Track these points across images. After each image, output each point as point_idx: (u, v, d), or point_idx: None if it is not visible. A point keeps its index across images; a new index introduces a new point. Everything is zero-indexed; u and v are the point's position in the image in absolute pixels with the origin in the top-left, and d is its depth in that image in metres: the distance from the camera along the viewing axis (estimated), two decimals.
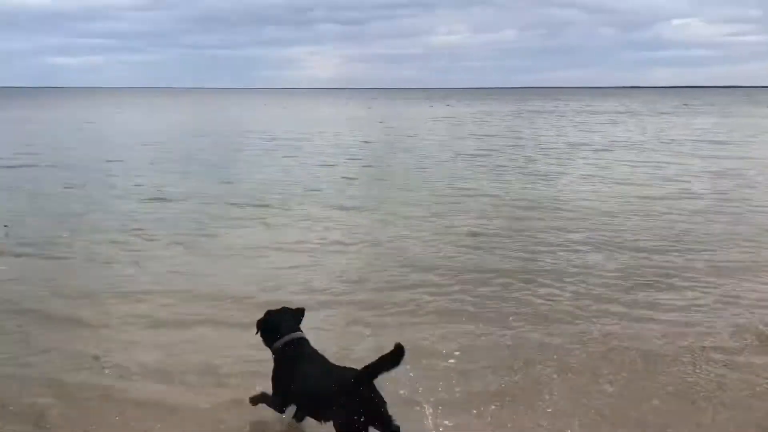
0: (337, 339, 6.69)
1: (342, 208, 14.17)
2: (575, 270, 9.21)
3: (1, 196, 15.52)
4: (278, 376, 4.69)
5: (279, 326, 4.79)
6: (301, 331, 4.84)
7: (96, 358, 6.30)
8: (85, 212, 13.59)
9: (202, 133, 38.03)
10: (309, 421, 4.76)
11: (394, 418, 4.18)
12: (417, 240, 11.12)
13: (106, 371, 6.04)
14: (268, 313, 4.94)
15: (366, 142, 31.98)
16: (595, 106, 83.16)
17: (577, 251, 10.30)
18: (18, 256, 10.09)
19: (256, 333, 4.89)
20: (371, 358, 4.27)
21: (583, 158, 23.91)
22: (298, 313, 4.98)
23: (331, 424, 4.24)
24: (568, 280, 8.73)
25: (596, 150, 26.86)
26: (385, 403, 4.20)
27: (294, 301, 7.81)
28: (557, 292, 8.26)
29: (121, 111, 73.57)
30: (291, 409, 4.78)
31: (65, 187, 17.02)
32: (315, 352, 4.72)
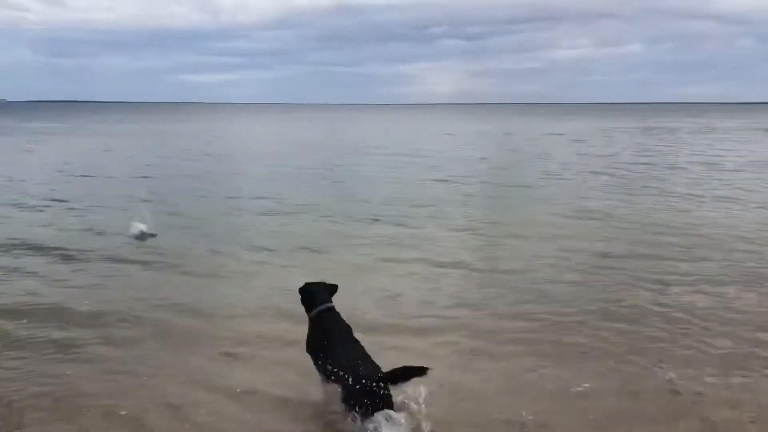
0: (449, 367, 6.42)
1: (460, 227, 13.72)
2: (714, 305, 8.36)
3: (133, 205, 16.44)
4: (312, 340, 5.70)
5: (315, 296, 5.80)
6: (332, 302, 5.80)
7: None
8: (204, 224, 14.20)
9: (323, 147, 39.12)
10: None
11: None
12: (539, 263, 10.58)
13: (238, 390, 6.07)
14: (308, 284, 5.96)
15: (483, 158, 31.53)
16: (730, 123, 77.74)
17: (713, 282, 9.41)
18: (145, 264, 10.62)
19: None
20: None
21: (719, 179, 22.12)
22: (332, 288, 5.96)
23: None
24: (710, 318, 7.89)
25: (733, 170, 24.85)
26: (393, 404, 4.84)
27: (408, 324, 7.71)
28: (696, 330, 7.48)
29: (248, 125, 77.61)
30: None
31: (195, 196, 18.19)
32: (344, 326, 5.63)
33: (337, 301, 5.79)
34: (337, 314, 5.78)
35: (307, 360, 5.82)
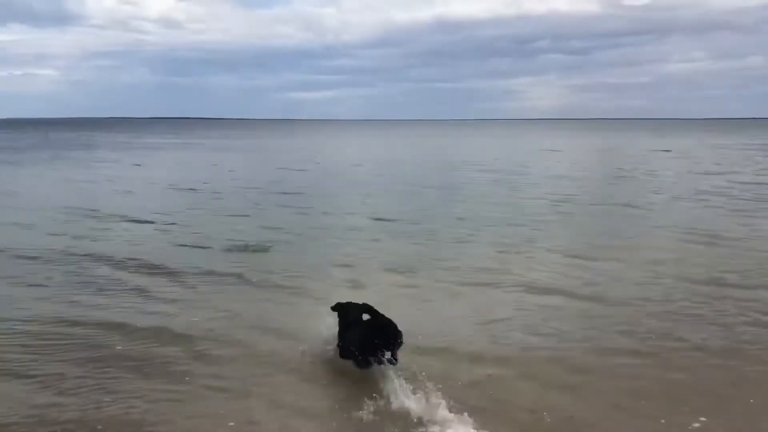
0: (535, 399, 6.12)
1: (560, 250, 12.93)
2: None
3: (235, 219, 16.85)
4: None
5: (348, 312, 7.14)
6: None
7: None
8: (300, 240, 14.40)
9: (421, 163, 39.11)
10: None
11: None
12: (644, 291, 9.83)
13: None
14: (339, 304, 7.32)
15: (584, 175, 30.37)
16: None
17: None
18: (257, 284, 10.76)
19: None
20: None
21: None
22: (363, 307, 6.99)
23: None
24: None
25: None
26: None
27: (500, 352, 7.33)
28: None
29: (348, 141, 78.96)
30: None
31: (294, 212, 18.57)
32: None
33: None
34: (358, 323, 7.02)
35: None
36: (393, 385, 6.14)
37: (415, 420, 5.66)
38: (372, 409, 5.90)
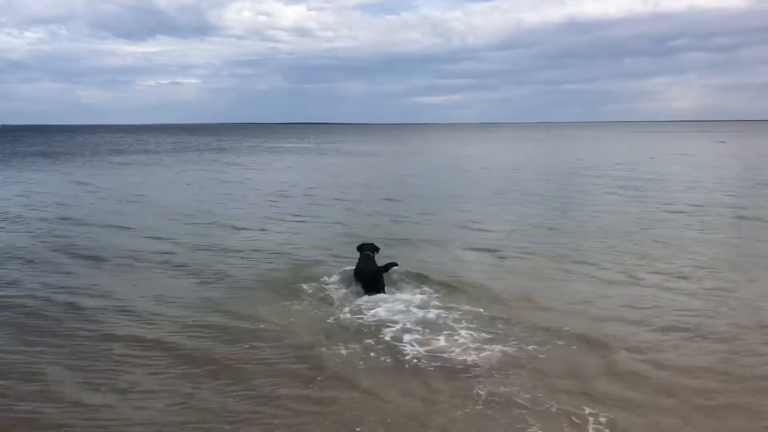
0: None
1: (697, 277, 11.64)
2: None
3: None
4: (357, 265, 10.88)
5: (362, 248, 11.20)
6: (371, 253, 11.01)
7: None
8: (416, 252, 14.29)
9: (541, 168, 38.09)
10: None
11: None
12: None
13: None
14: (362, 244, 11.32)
15: (721, 181, 28.15)
16: None
17: None
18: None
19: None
20: None
21: None
22: (374, 247, 11.27)
23: None
24: None
25: None
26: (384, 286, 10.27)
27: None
28: None
29: (473, 145, 78.40)
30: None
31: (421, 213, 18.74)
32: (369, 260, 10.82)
33: None
34: (369, 256, 10.97)
35: None
36: None
37: None
38: None
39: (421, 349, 8.13)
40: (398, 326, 8.92)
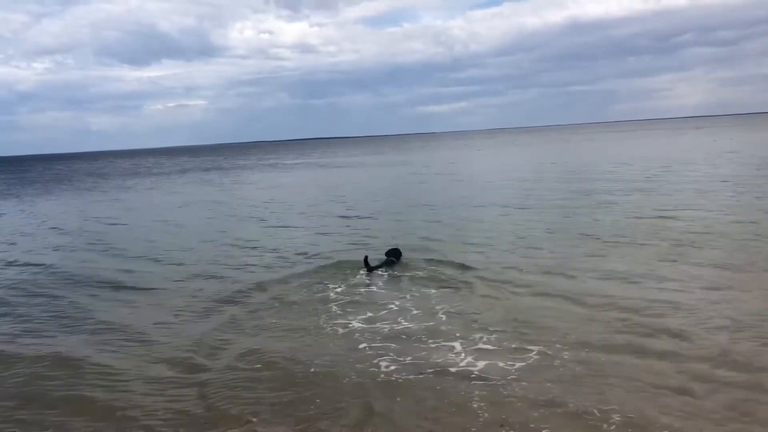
0: None
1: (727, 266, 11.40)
2: None
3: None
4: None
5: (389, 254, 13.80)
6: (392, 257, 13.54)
7: None
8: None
9: (563, 173, 37.62)
10: None
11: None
12: None
13: None
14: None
15: (724, 181, 27.43)
16: None
17: None
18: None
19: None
20: None
21: None
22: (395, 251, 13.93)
23: None
24: None
25: None
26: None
27: None
28: None
29: (480, 151, 77.93)
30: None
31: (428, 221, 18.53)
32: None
33: None
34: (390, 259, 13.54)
35: None
36: None
37: None
38: None
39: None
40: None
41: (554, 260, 13.23)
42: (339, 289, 11.89)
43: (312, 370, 7.99)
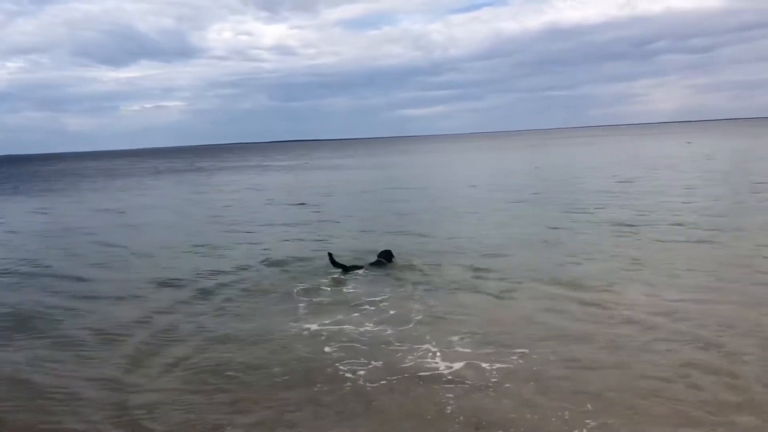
0: None
1: None
2: None
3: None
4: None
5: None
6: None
7: None
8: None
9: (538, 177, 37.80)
10: None
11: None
12: None
13: None
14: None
15: (689, 188, 27.89)
16: None
17: None
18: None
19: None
20: None
21: None
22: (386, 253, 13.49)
23: None
24: None
25: None
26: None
27: None
28: None
29: (456, 155, 78.21)
30: None
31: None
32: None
33: None
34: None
35: None
36: None
37: None
38: None
39: None
40: None
41: (531, 264, 13.06)
42: (306, 290, 11.63)
43: (272, 377, 7.65)
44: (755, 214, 18.09)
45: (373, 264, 13.25)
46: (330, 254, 13.08)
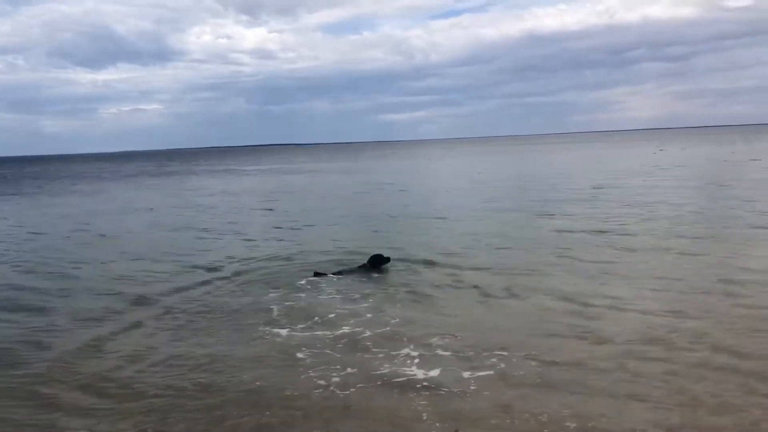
0: None
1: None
2: None
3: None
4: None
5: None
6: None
7: None
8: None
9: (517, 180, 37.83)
10: None
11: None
12: None
13: None
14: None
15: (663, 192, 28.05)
16: None
17: None
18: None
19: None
20: None
21: None
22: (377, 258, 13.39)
23: None
24: None
25: None
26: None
27: None
28: None
29: (434, 160, 78.42)
30: None
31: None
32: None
33: None
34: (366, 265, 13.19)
35: None
36: None
37: None
38: None
39: None
40: None
41: (509, 270, 12.96)
42: (279, 296, 11.39)
43: (243, 385, 7.40)
44: (721, 221, 18.05)
45: (361, 267, 13.17)
46: (316, 272, 12.88)
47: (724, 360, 7.58)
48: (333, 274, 12.81)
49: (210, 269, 14.04)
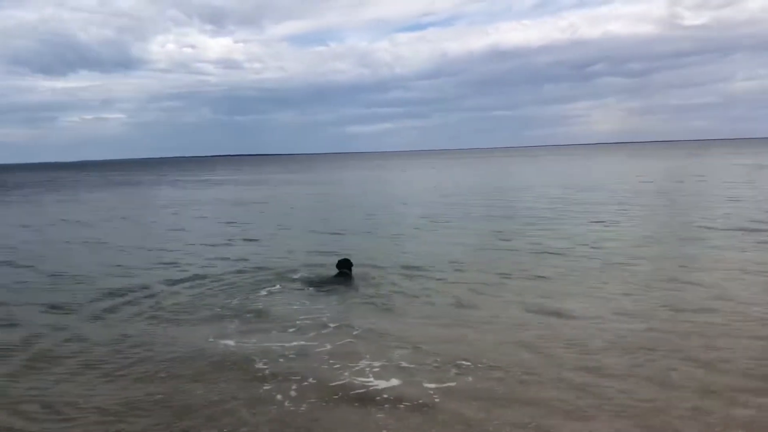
0: None
1: None
2: None
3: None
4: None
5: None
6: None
7: None
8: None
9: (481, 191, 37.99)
10: None
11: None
12: None
13: None
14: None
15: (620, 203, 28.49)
16: None
17: None
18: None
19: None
20: None
21: None
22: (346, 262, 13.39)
23: None
24: None
25: None
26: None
27: None
28: None
29: (401, 172, 78.62)
30: None
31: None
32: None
33: None
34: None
35: None
36: None
37: None
38: None
39: None
40: None
41: (473, 280, 12.82)
42: (235, 306, 11.05)
43: (197, 398, 7.05)
44: (674, 237, 18.23)
45: (337, 276, 12.94)
46: (276, 281, 12.72)
47: (690, 369, 7.51)
48: (298, 280, 12.65)
49: (162, 281, 13.45)
